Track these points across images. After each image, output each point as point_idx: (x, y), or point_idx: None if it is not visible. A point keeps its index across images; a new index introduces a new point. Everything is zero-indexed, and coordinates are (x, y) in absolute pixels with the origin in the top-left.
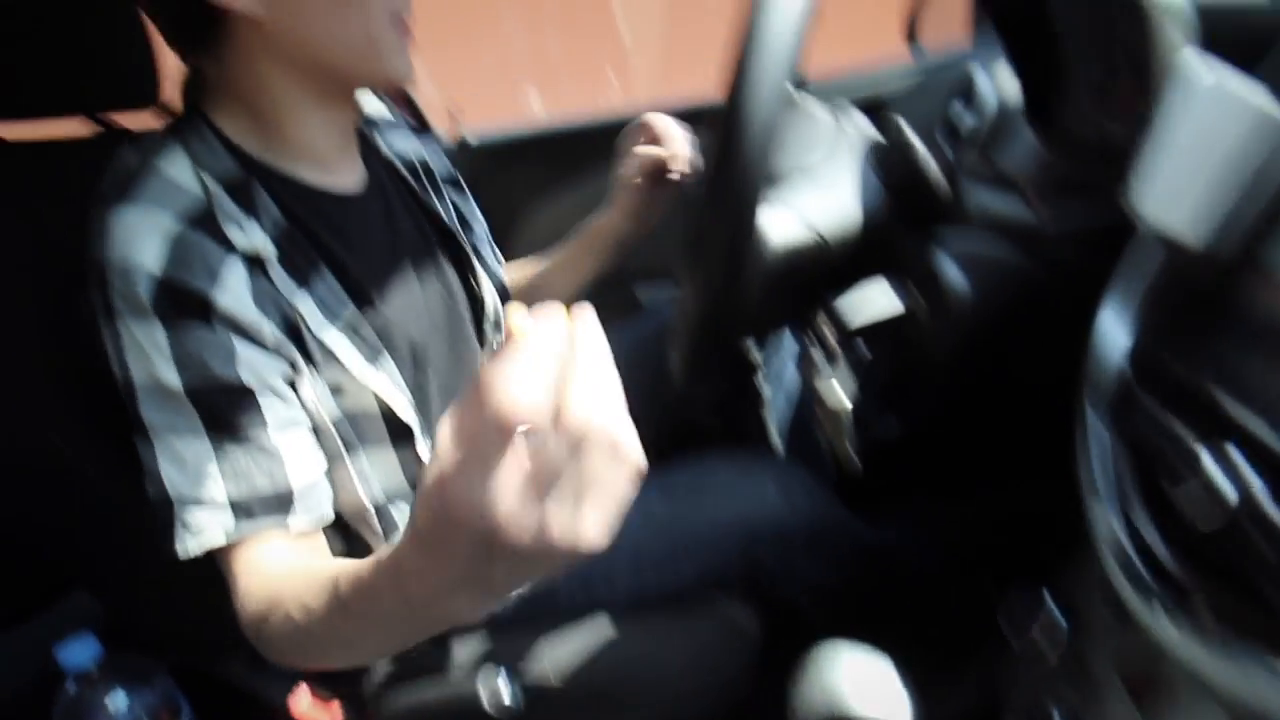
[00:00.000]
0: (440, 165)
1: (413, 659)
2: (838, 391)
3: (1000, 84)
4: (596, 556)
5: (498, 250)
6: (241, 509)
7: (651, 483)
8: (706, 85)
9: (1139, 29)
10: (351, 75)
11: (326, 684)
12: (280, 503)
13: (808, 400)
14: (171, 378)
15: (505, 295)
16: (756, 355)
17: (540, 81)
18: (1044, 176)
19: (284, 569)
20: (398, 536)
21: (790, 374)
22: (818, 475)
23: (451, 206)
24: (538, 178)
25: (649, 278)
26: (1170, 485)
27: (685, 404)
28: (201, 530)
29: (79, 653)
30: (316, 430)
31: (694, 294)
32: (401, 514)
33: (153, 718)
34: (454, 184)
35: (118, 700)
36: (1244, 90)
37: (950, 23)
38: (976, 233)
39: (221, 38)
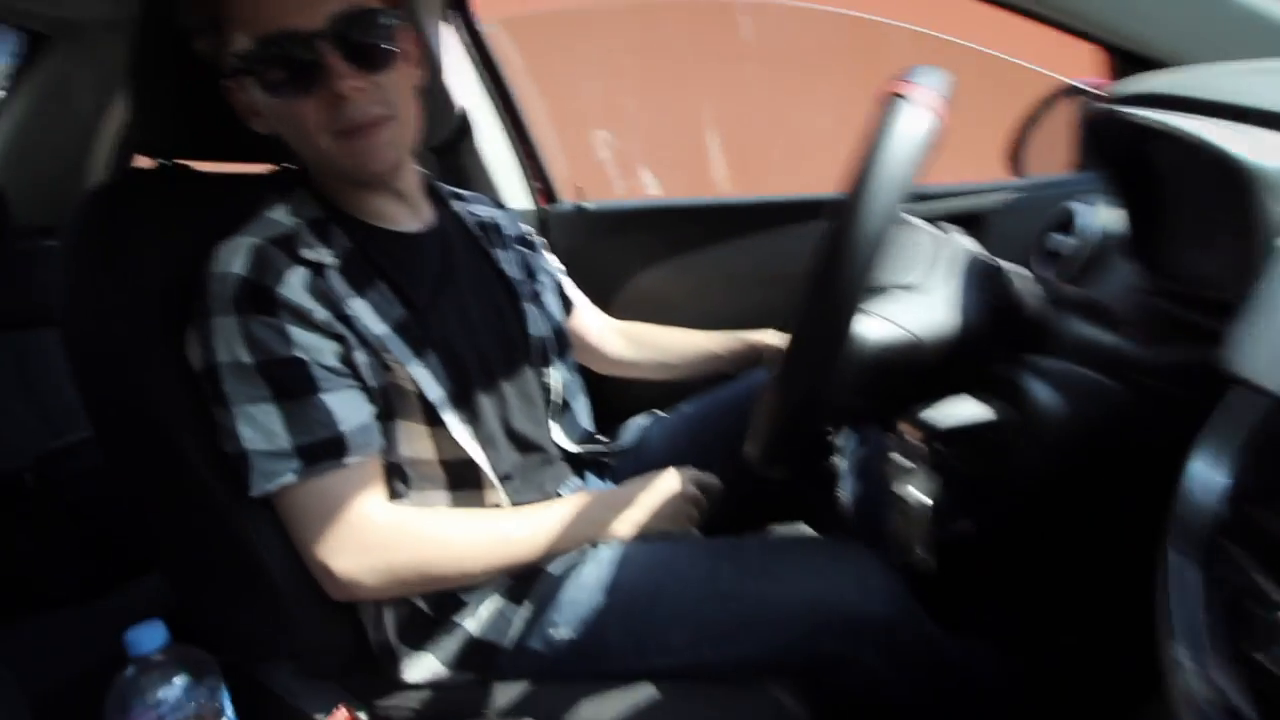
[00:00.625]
0: (512, 227)
1: (451, 695)
2: (917, 493)
3: (1099, 217)
4: (655, 620)
5: (572, 297)
6: (305, 453)
7: (722, 553)
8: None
9: (1242, 198)
10: (334, 175)
11: (365, 707)
12: (336, 447)
13: (880, 497)
14: (245, 357)
15: (561, 335)
16: (837, 439)
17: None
18: (1141, 310)
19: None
20: (410, 492)
21: (866, 464)
22: (891, 569)
23: (519, 259)
24: (644, 246)
25: None
26: (1251, 647)
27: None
28: (273, 473)
29: (146, 638)
30: (365, 390)
31: (782, 384)
32: (421, 479)
33: (198, 715)
34: (524, 242)
35: (170, 691)
36: None
37: (1054, 152)
38: (1070, 357)
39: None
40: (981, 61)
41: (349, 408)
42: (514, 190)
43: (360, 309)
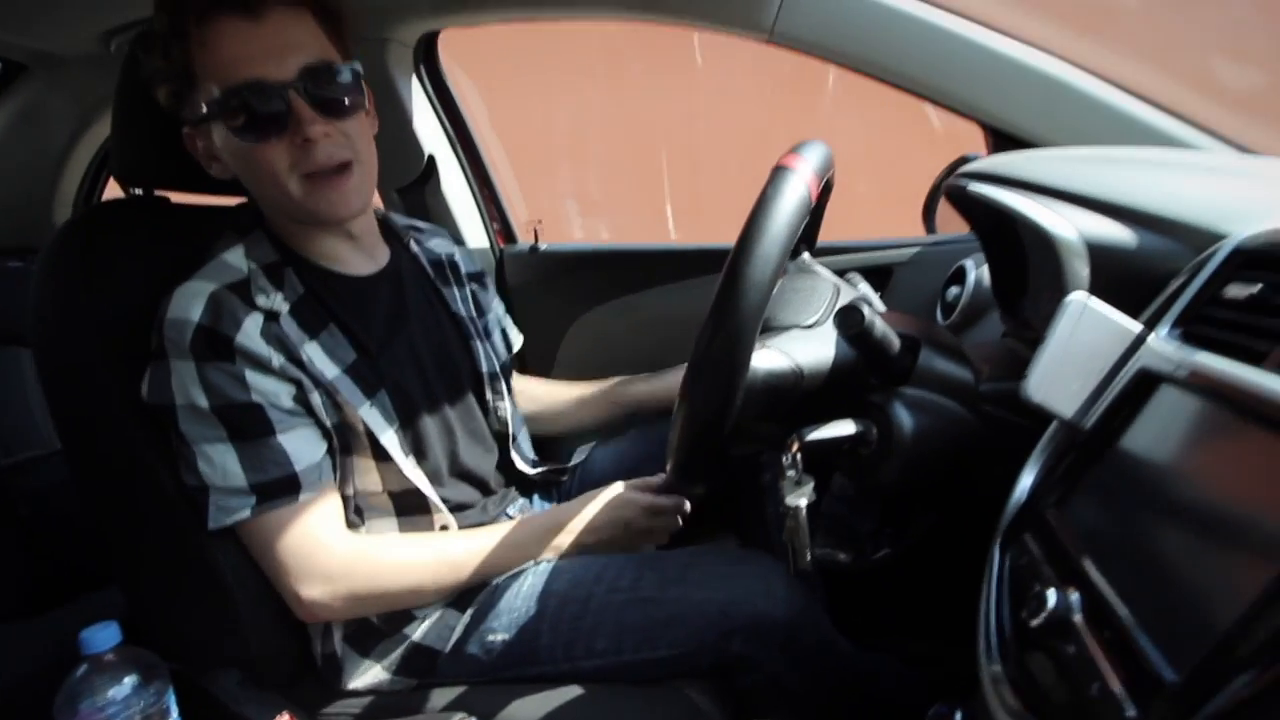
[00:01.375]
0: (467, 263)
1: (391, 700)
2: (799, 503)
3: (982, 273)
4: (583, 626)
5: (512, 340)
6: (261, 491)
7: (647, 563)
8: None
9: (1055, 260)
10: (297, 218)
11: (309, 714)
12: (291, 484)
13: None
14: (202, 401)
15: (507, 369)
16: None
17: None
18: (995, 350)
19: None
20: (362, 522)
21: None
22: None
23: (470, 295)
24: (591, 286)
25: None
26: (1028, 615)
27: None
28: (230, 509)
29: (100, 638)
30: (319, 427)
31: (687, 410)
32: (370, 509)
33: (144, 717)
34: (477, 279)
35: (119, 691)
36: (1103, 307)
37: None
38: (930, 387)
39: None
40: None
41: (304, 446)
42: (474, 230)
43: (313, 353)
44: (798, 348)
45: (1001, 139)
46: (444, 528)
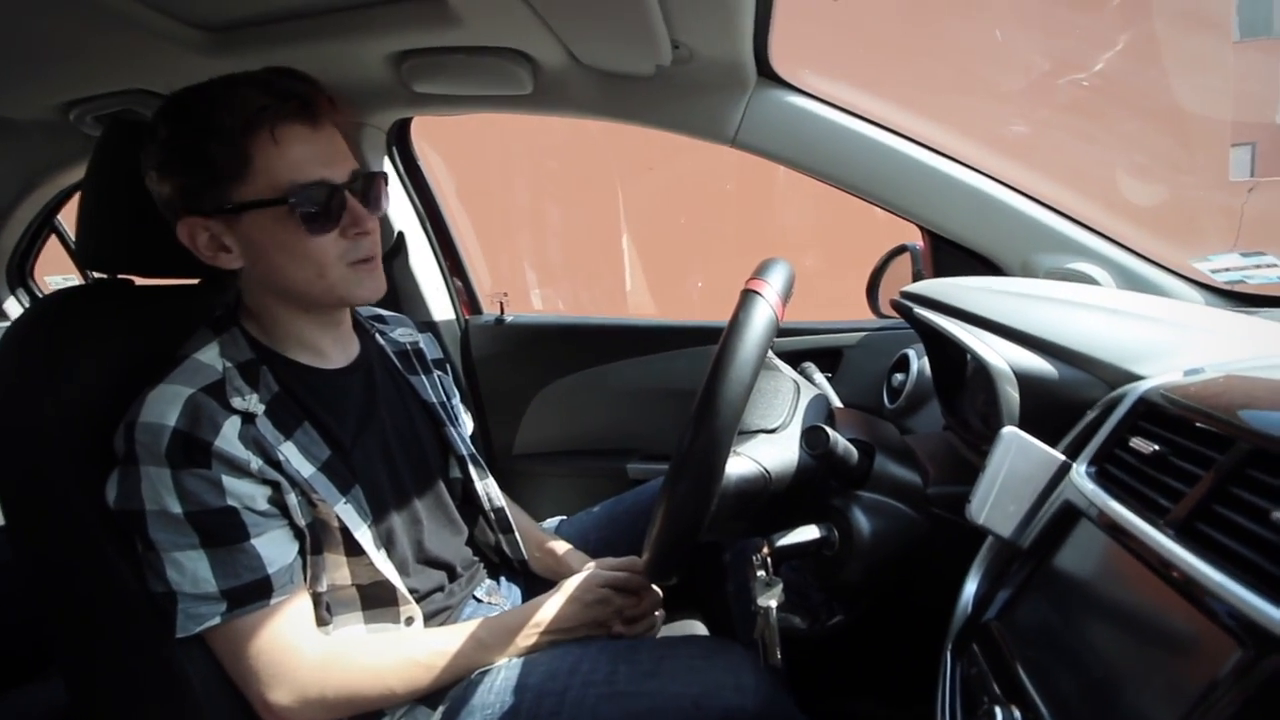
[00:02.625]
0: (432, 351)
1: None
2: (770, 600)
3: (925, 362)
4: (559, 718)
5: (468, 413)
6: (232, 596)
7: (620, 655)
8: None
9: (990, 384)
10: (318, 301)
11: None
12: (263, 589)
13: (747, 605)
14: (175, 507)
15: (469, 448)
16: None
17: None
18: (938, 448)
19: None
20: (332, 618)
21: (737, 569)
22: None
23: (437, 381)
24: (555, 357)
25: (639, 459)
26: None
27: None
28: (200, 616)
29: None
30: (292, 528)
31: (666, 508)
32: (338, 604)
33: None
34: (441, 366)
35: None
36: (1031, 440)
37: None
38: (884, 491)
39: (231, 277)
40: None
41: (276, 549)
42: (440, 302)
43: (289, 453)
44: (766, 453)
45: (935, 236)
46: (410, 619)
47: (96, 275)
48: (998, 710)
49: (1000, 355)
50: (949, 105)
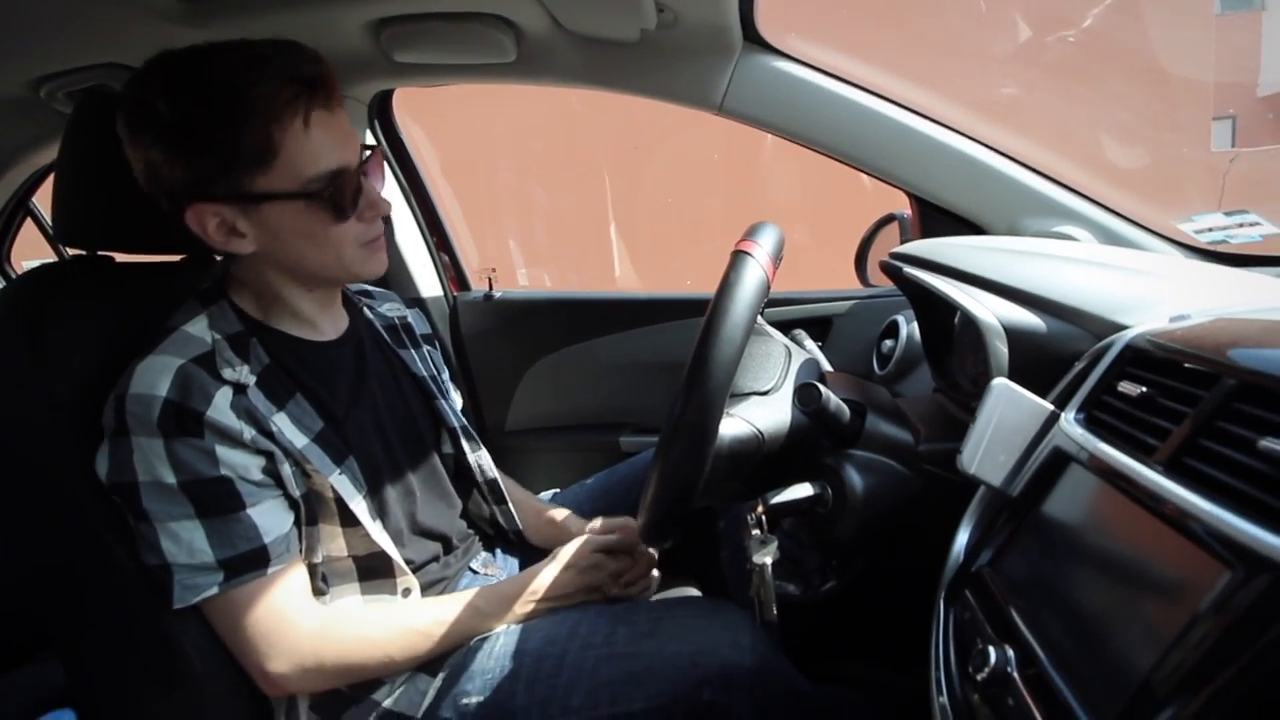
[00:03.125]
0: (419, 325)
1: None
2: (765, 557)
3: (914, 328)
4: (559, 684)
5: (457, 391)
6: (228, 566)
7: (618, 617)
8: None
9: (979, 339)
10: (329, 279)
11: None
12: (260, 558)
13: (743, 565)
14: (169, 477)
15: (460, 421)
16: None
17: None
18: (928, 409)
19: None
20: (329, 589)
21: (733, 532)
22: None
23: (426, 356)
24: (544, 333)
25: (632, 431)
26: (972, 669)
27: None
28: (197, 587)
29: None
30: (287, 498)
31: (662, 473)
32: (334, 576)
33: None
34: (430, 341)
35: None
36: (1021, 391)
37: None
38: (876, 449)
39: (233, 255)
40: None
41: (272, 519)
42: (427, 279)
43: (282, 423)
44: (758, 414)
45: (922, 203)
46: (406, 590)
47: (73, 252)
48: (991, 650)
49: (989, 310)
50: (938, 68)
